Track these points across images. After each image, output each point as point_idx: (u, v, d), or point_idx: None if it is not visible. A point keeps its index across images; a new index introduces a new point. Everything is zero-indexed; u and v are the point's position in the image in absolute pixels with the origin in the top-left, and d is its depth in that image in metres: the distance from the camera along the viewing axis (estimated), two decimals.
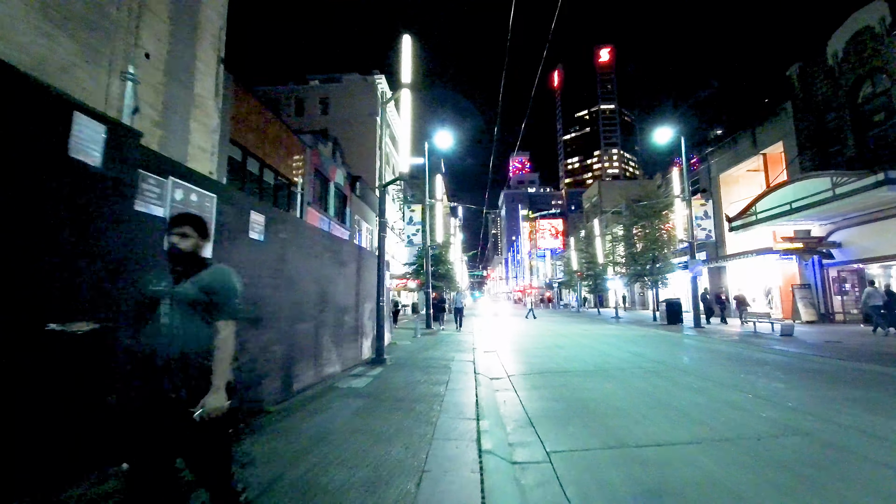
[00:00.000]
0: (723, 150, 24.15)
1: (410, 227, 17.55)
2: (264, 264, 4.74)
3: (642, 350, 10.50)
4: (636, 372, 7.41)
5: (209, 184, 3.87)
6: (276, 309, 4.97)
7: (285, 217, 5.51)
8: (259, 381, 4.54)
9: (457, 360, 8.57)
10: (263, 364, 4.64)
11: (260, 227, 4.60)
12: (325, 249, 6.53)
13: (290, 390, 5.28)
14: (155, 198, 3.20)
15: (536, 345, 12.10)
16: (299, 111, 36.14)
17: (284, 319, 5.18)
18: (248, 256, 4.41)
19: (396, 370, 7.38)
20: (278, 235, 5.06)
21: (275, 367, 4.89)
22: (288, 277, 5.32)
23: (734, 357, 9.16)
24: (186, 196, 3.51)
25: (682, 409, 5.00)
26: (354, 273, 8.06)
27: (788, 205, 15.02)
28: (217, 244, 3.87)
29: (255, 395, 4.45)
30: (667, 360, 8.74)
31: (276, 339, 4.93)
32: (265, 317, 4.69)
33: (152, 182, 3.19)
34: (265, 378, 4.68)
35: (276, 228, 5.00)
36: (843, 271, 17.39)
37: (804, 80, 18.46)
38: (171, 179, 3.36)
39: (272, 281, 4.90)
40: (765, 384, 6.29)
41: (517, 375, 7.36)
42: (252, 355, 4.42)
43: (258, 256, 4.60)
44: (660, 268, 21.17)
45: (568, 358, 9.34)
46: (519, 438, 4.13)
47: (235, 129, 14.16)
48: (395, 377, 6.71)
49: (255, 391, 4.47)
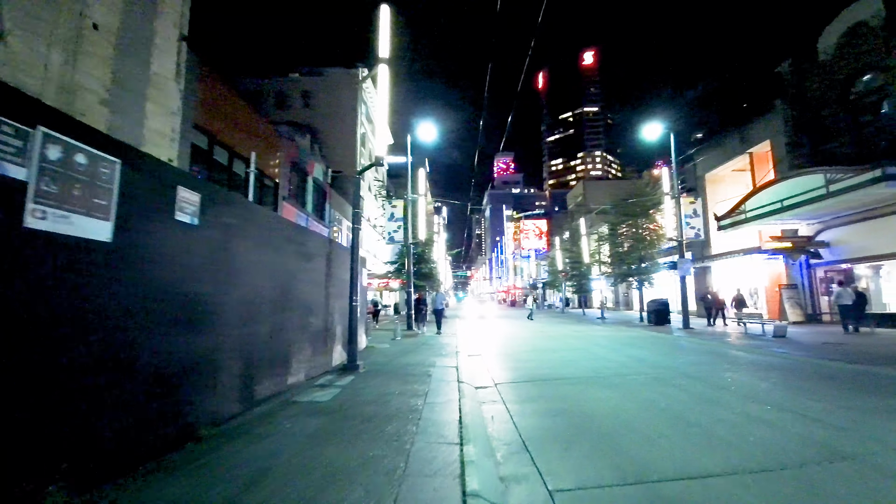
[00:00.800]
0: (709, 149, 23.93)
1: (392, 224, 16.61)
2: (199, 254, 3.82)
3: (638, 353, 9.84)
4: (639, 379, 6.69)
5: (113, 145, 2.96)
6: (216, 309, 4.06)
7: (231, 198, 4.58)
8: (188, 398, 3.62)
9: (438, 367, 7.73)
10: (195, 377, 3.72)
11: (192, 208, 3.68)
12: (286, 240, 5.62)
13: (235, 407, 4.36)
14: (10, 153, 2.28)
15: (524, 347, 11.35)
16: (280, 104, 34.77)
17: (229, 322, 4.27)
18: (173, 244, 3.49)
19: (369, 379, 6.50)
20: (220, 220, 4.14)
21: (212, 381, 3.98)
22: (234, 271, 4.40)
23: (736, 361, 8.56)
24: (68, 156, 2.59)
25: (702, 425, 4.27)
26: (323, 269, 7.15)
27: (780, 202, 14.66)
28: (122, 226, 2.96)
29: (180, 418, 3.53)
30: (668, 365, 8.07)
31: (215, 346, 4.01)
32: (198, 319, 3.77)
33: (7, 130, 2.27)
34: (198, 394, 3.76)
35: (216, 211, 4.08)
36: (830, 271, 17.17)
37: (795, 76, 18.24)
38: (40, 130, 2.43)
39: (211, 275, 3.98)
40: (783, 393, 5.63)
41: (506, 384, 6.56)
42: (178, 366, 3.50)
43: (189, 244, 3.69)
44: (646, 267, 20.73)
45: (560, 362, 8.60)
46: (513, 470, 3.32)
47: (201, 114, 13.06)
48: (367, 387, 5.84)
49: (182, 411, 3.55)
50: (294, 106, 34.45)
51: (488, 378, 7.08)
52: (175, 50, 10.45)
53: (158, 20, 9.22)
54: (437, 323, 15.64)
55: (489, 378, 7.07)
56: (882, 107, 14.82)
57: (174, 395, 3.46)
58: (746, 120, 21.08)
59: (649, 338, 13.45)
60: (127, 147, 3.08)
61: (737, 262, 21.60)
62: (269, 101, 34.18)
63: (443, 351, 10.10)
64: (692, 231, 16.70)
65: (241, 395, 4.50)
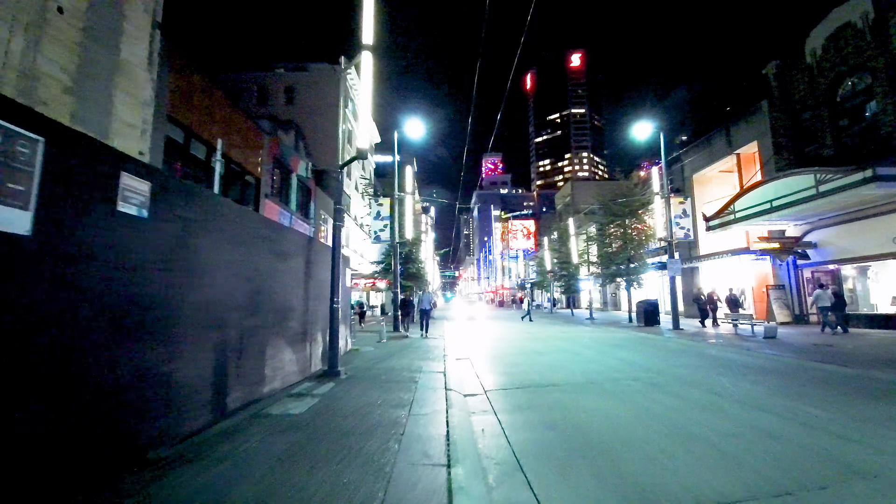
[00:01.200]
0: (697, 150, 23.98)
1: (378, 223, 16.11)
2: (150, 252, 3.35)
3: (629, 356, 9.57)
4: (633, 385, 6.38)
5: (33, 119, 2.49)
6: (173, 314, 3.59)
7: (190, 189, 4.11)
8: (134, 416, 3.16)
9: (425, 372, 7.32)
10: (145, 391, 3.26)
11: (140, 198, 3.22)
12: (257, 237, 5.15)
13: (196, 423, 3.90)
14: None
15: (513, 350, 11.01)
16: (262, 100, 33.97)
17: (189, 327, 3.80)
18: (116, 239, 3.02)
19: (350, 386, 6.07)
20: (177, 213, 3.68)
21: (167, 394, 3.51)
22: (195, 271, 3.94)
23: (731, 364, 8.33)
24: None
25: (707, 439, 3.95)
26: (302, 268, 6.69)
27: (769, 203, 14.61)
28: (47, 217, 2.49)
29: (124, 440, 3.07)
30: (661, 369, 7.80)
31: (171, 355, 3.54)
32: (149, 324, 3.31)
33: None
34: (149, 411, 3.30)
35: (172, 203, 3.62)
36: (817, 272, 17.24)
37: (781, 78, 18.29)
38: None
39: (165, 276, 3.51)
40: (783, 400, 5.36)
41: (496, 391, 6.19)
42: (123, 379, 3.04)
43: (137, 240, 3.22)
44: (635, 268, 20.63)
45: (551, 366, 8.27)
46: (506, 496, 2.94)
47: (176, 106, 12.42)
48: (347, 397, 5.40)
49: (126, 431, 3.09)
50: (277, 102, 33.69)
51: (477, 384, 6.70)
52: (147, 37, 9.88)
53: (129, 5, 8.68)
54: (422, 325, 14.75)
55: (478, 384, 6.69)
56: (866, 109, 14.92)
57: (116, 412, 3.00)
58: (733, 121, 21.13)
59: (639, 339, 13.24)
60: (53, 123, 2.61)
61: (724, 263, 21.66)
62: (251, 97, 33.35)
63: (430, 354, 9.70)
64: (682, 231, 16.60)
65: (204, 408, 4.04)
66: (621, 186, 20.98)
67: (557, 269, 30.57)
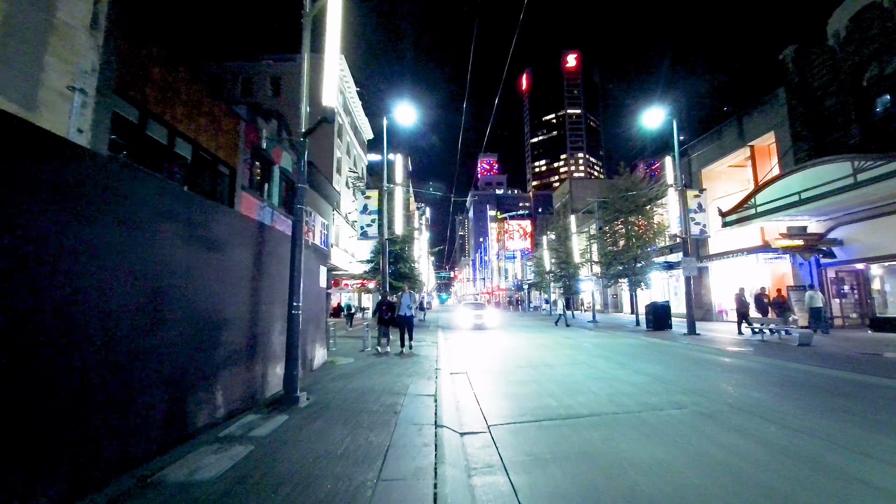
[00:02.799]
0: (706, 143, 22.67)
1: (365, 217, 14.56)
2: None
3: (654, 369, 8.10)
4: (679, 416, 4.89)
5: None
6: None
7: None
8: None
9: (410, 395, 5.80)
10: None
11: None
12: (162, 217, 3.60)
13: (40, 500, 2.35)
14: None
15: (516, 361, 9.49)
16: (247, 91, 32.33)
17: (10, 353, 2.26)
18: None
19: (307, 421, 4.52)
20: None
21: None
22: (21, 263, 2.40)
23: (782, 381, 6.87)
24: None
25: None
26: (248, 263, 5.14)
27: (797, 195, 13.23)
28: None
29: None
30: (700, 388, 6.33)
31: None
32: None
33: None
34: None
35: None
36: (841, 271, 15.94)
37: (800, 63, 16.98)
38: None
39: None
40: (892, 442, 3.91)
41: (503, 426, 4.68)
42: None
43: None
44: (641, 267, 19.23)
45: (566, 385, 6.77)
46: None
47: (129, 80, 10.81)
48: (296, 442, 3.86)
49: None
50: (263, 94, 32.09)
51: (477, 413, 5.18)
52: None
53: None
54: (400, 338, 10.69)
55: (479, 413, 5.17)
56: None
57: None
58: (746, 112, 19.80)
59: (656, 347, 11.79)
60: None
61: (737, 263, 20.33)
62: (234, 89, 31.69)
63: (419, 368, 8.16)
64: (697, 227, 15.19)
65: (41, 481, 2.50)
66: (626, 181, 19.56)
67: (557, 270, 29.12)
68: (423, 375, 7.34)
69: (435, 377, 7.17)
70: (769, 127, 18.29)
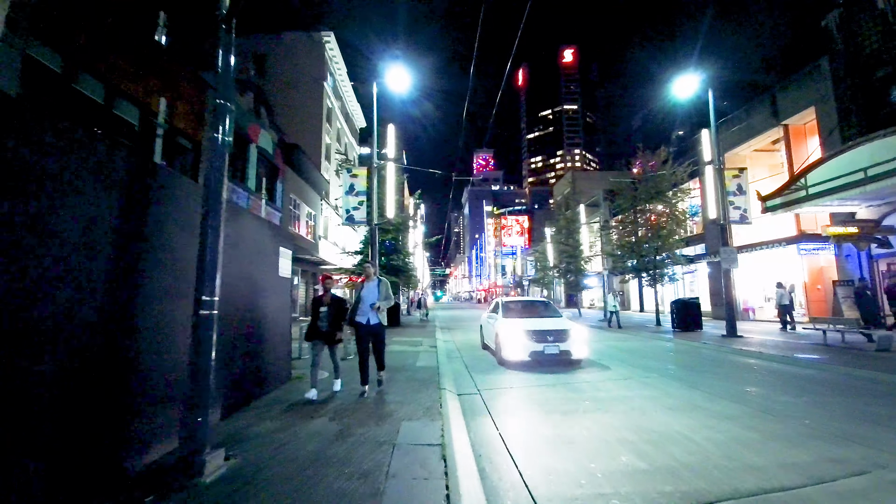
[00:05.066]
0: (730, 125, 20.60)
1: (351, 198, 12.33)
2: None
3: (732, 389, 5.98)
4: (869, 491, 2.76)
5: None
6: None
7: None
8: None
9: (402, 448, 3.62)
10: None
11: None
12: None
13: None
14: None
15: (549, 392, 7.34)
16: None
17: None
18: None
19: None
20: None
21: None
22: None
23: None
24: None
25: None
26: (105, 234, 2.93)
27: (862, 171, 11.18)
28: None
29: None
30: (848, 431, 4.24)
31: None
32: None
33: None
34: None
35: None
36: (894, 264, 13.98)
37: (846, 29, 14.93)
38: None
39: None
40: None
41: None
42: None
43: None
44: (662, 260, 17.18)
45: (631, 420, 4.62)
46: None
47: (50, 15, 8.50)
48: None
49: None
50: (245, 73, 29.60)
51: (516, 481, 3.02)
52: None
53: None
54: (360, 366, 5.73)
55: (518, 481, 3.01)
56: None
57: None
58: (783, 86, 17.75)
59: (700, 354, 9.71)
60: None
61: (766, 256, 18.37)
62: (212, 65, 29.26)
63: (412, 386, 5.97)
64: (737, 212, 13.14)
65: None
66: (648, 158, 17.46)
67: (563, 264, 27.03)
68: (421, 406, 5.15)
69: (440, 411, 4.96)
70: (809, 103, 16.25)
